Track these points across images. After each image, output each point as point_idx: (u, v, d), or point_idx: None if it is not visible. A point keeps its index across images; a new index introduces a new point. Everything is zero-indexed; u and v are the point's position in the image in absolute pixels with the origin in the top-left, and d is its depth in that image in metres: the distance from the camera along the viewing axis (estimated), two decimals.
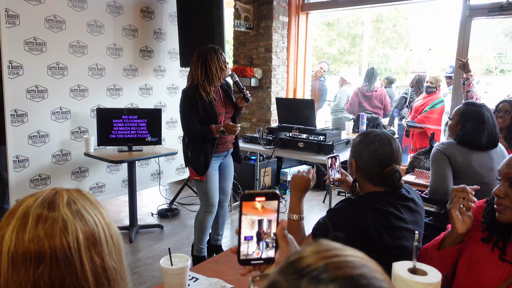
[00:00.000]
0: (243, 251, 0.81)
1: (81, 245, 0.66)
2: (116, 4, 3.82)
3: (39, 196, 0.69)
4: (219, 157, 2.87)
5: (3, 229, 0.66)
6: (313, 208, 4.42)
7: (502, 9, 3.60)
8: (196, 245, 2.97)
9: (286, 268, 0.47)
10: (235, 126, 2.71)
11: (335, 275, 0.44)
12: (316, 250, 0.48)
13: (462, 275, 1.31)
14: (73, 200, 0.70)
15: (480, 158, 2.19)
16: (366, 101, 5.11)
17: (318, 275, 0.44)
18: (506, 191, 1.18)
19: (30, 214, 0.66)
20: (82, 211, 0.69)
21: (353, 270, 0.45)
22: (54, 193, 0.70)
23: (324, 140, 3.35)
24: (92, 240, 0.68)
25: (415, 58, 5.51)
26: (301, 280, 0.44)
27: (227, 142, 2.84)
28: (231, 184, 3.09)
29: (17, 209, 0.68)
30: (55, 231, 0.65)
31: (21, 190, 3.32)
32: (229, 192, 3.09)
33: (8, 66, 3.11)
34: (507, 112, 2.76)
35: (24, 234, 0.64)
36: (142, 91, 4.17)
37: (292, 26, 5.04)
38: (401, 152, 1.45)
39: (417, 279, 0.95)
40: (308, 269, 0.45)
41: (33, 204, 0.68)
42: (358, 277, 0.44)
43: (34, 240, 0.64)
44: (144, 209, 4.25)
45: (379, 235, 1.32)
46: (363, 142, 1.44)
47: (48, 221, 0.66)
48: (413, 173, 2.88)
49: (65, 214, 0.67)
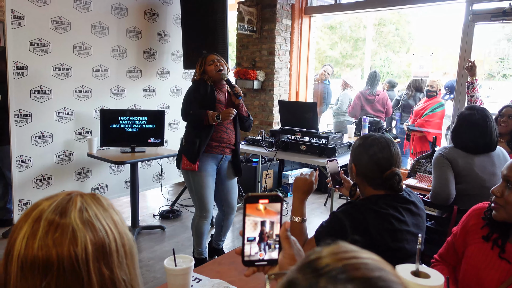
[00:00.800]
0: (246, 252, 0.82)
1: (90, 256, 0.65)
2: (121, 6, 3.84)
3: (54, 201, 0.68)
4: (213, 158, 2.81)
5: (16, 232, 0.66)
6: (315, 211, 4.42)
7: (505, 14, 3.62)
8: (196, 249, 2.96)
9: (305, 267, 0.48)
10: (230, 109, 2.69)
11: (353, 276, 0.45)
12: (334, 251, 0.49)
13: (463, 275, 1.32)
14: (86, 207, 0.69)
15: (482, 163, 2.19)
16: (368, 105, 5.12)
17: (336, 275, 0.45)
18: (503, 191, 1.23)
19: (42, 219, 0.65)
20: (94, 220, 0.68)
21: (371, 272, 0.45)
22: (69, 199, 0.69)
23: (326, 143, 3.36)
24: (102, 251, 0.66)
25: (417, 62, 5.51)
26: (319, 279, 0.45)
27: (223, 140, 2.78)
28: (235, 196, 3.01)
29: (31, 212, 0.67)
30: (64, 240, 0.64)
31: (24, 190, 3.33)
32: (234, 205, 3.00)
33: (13, 67, 3.13)
34: (510, 117, 2.77)
35: (34, 241, 0.64)
36: (145, 93, 4.18)
37: (295, 29, 5.06)
38: (400, 155, 1.46)
39: (420, 281, 0.96)
40: (326, 268, 0.46)
41: (47, 209, 0.66)
42: (376, 279, 0.45)
43: (43, 248, 0.63)
44: (146, 210, 4.26)
45: (381, 237, 1.33)
46: (362, 146, 1.45)
47: (58, 229, 0.64)
48: (415, 177, 2.89)
49: (75, 223, 0.66)
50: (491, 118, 2.26)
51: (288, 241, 0.84)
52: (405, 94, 5.37)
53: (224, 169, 2.91)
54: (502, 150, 2.31)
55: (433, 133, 4.57)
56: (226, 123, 2.78)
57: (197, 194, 2.79)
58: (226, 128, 2.79)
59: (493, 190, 1.26)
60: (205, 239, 2.94)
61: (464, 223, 1.41)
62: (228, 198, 2.97)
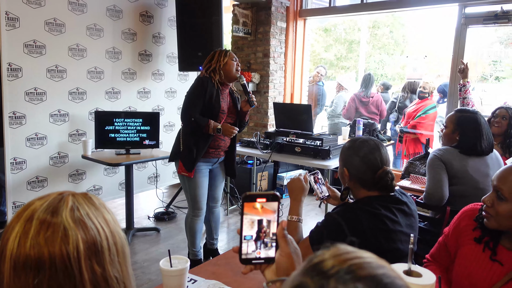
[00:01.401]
0: (244, 250, 0.83)
1: (81, 254, 0.65)
2: (116, 8, 3.84)
3: (46, 200, 0.69)
4: (209, 162, 2.82)
5: (8, 232, 0.66)
6: (310, 212, 4.44)
7: (496, 17, 3.66)
8: (190, 249, 2.97)
9: (310, 271, 0.49)
10: (233, 128, 2.67)
11: (360, 275, 0.46)
12: (336, 253, 0.50)
13: (456, 276, 1.34)
14: (77, 206, 0.69)
15: (476, 164, 2.22)
16: (362, 107, 5.15)
17: (344, 276, 0.46)
18: (493, 201, 1.24)
19: (34, 219, 0.66)
20: (85, 218, 0.68)
21: (376, 270, 0.47)
22: (60, 198, 0.70)
23: (320, 145, 3.37)
24: (94, 249, 0.67)
25: (411, 64, 5.57)
26: (329, 280, 0.46)
27: (220, 147, 2.80)
28: (221, 192, 3.07)
29: (23, 212, 0.68)
30: (56, 239, 0.64)
31: (18, 192, 3.32)
32: (218, 199, 3.05)
33: (7, 69, 3.12)
34: (504, 118, 2.80)
35: (26, 240, 0.64)
36: (140, 95, 4.18)
37: (290, 32, 5.08)
38: (388, 155, 1.50)
39: (412, 280, 0.98)
40: (333, 270, 0.47)
41: (39, 209, 0.67)
42: (382, 276, 0.46)
43: (35, 247, 0.64)
44: (141, 212, 4.25)
45: (376, 238, 1.35)
46: (352, 149, 1.48)
47: (50, 228, 0.65)
48: (408, 178, 2.91)
49: (66, 222, 0.66)
50: (485, 120, 2.29)
51: (285, 240, 0.85)
52: (401, 96, 5.42)
53: (216, 168, 2.93)
54: (495, 152, 2.34)
55: (426, 134, 4.61)
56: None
57: (191, 194, 2.82)
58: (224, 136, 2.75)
59: (484, 200, 1.27)
60: (199, 238, 2.95)
61: (455, 224, 1.43)
62: (214, 193, 3.01)
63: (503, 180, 1.23)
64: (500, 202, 1.22)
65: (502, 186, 1.22)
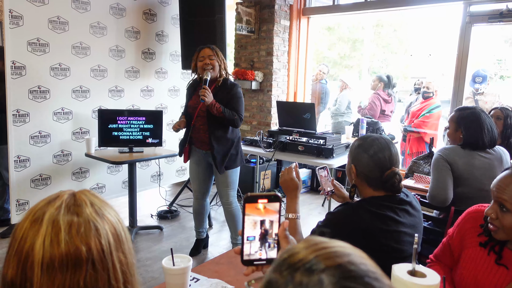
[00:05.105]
0: (246, 251, 0.83)
1: (112, 246, 0.69)
2: (119, 6, 3.84)
3: (59, 204, 0.69)
4: (198, 152, 3.03)
5: (31, 238, 0.66)
6: (312, 211, 4.43)
7: (502, 16, 3.63)
8: (196, 232, 3.32)
9: (280, 266, 0.50)
10: (175, 126, 2.95)
11: (325, 265, 0.47)
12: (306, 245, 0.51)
13: (460, 279, 1.32)
14: (92, 202, 0.72)
15: (482, 165, 2.18)
16: (386, 105, 5.24)
17: (311, 267, 0.47)
18: (497, 213, 1.19)
19: (59, 221, 0.67)
20: (104, 211, 0.72)
21: (341, 258, 0.48)
22: (73, 198, 0.71)
23: (324, 143, 3.36)
24: (118, 239, 0.71)
25: (415, 63, 5.56)
26: (295, 273, 0.47)
27: (198, 139, 2.97)
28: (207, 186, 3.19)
29: (42, 217, 0.67)
30: (89, 235, 0.67)
31: (21, 190, 3.33)
32: (205, 192, 3.19)
33: (11, 67, 3.13)
34: (498, 118, 2.78)
35: (59, 241, 0.65)
36: (143, 93, 4.19)
37: (293, 30, 5.07)
38: (399, 155, 1.47)
39: (417, 281, 0.97)
40: (300, 263, 0.48)
41: (60, 212, 0.68)
42: (346, 264, 0.47)
43: (71, 246, 0.65)
44: (144, 210, 4.26)
45: (377, 238, 1.34)
46: (362, 146, 1.45)
47: (81, 226, 0.67)
48: (412, 177, 2.90)
49: (93, 218, 0.69)
50: (487, 114, 2.28)
51: (286, 240, 0.85)
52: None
53: (206, 162, 3.06)
54: (503, 151, 2.29)
55: (430, 134, 4.59)
56: (199, 124, 2.92)
57: (190, 179, 3.19)
58: (198, 129, 2.93)
59: (487, 212, 1.22)
60: (201, 220, 3.27)
61: (460, 226, 1.41)
62: (201, 186, 3.18)
63: (502, 191, 1.17)
64: (504, 214, 1.17)
65: (504, 196, 1.17)
